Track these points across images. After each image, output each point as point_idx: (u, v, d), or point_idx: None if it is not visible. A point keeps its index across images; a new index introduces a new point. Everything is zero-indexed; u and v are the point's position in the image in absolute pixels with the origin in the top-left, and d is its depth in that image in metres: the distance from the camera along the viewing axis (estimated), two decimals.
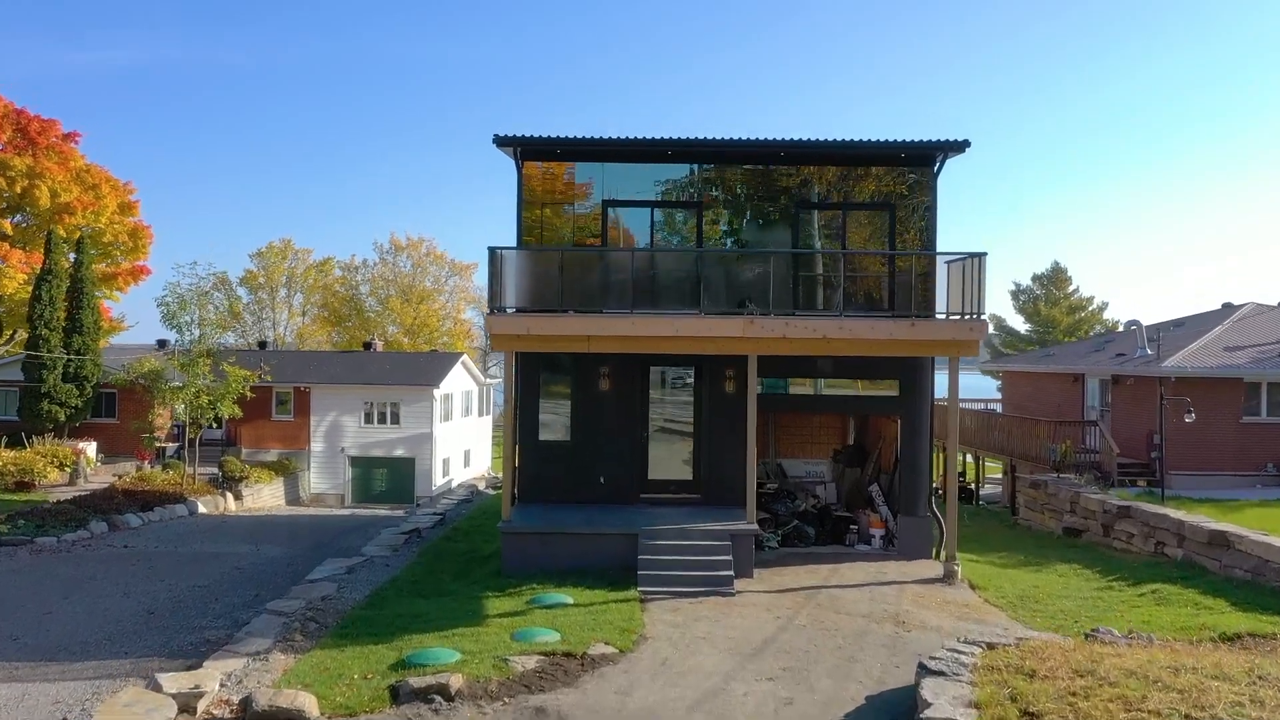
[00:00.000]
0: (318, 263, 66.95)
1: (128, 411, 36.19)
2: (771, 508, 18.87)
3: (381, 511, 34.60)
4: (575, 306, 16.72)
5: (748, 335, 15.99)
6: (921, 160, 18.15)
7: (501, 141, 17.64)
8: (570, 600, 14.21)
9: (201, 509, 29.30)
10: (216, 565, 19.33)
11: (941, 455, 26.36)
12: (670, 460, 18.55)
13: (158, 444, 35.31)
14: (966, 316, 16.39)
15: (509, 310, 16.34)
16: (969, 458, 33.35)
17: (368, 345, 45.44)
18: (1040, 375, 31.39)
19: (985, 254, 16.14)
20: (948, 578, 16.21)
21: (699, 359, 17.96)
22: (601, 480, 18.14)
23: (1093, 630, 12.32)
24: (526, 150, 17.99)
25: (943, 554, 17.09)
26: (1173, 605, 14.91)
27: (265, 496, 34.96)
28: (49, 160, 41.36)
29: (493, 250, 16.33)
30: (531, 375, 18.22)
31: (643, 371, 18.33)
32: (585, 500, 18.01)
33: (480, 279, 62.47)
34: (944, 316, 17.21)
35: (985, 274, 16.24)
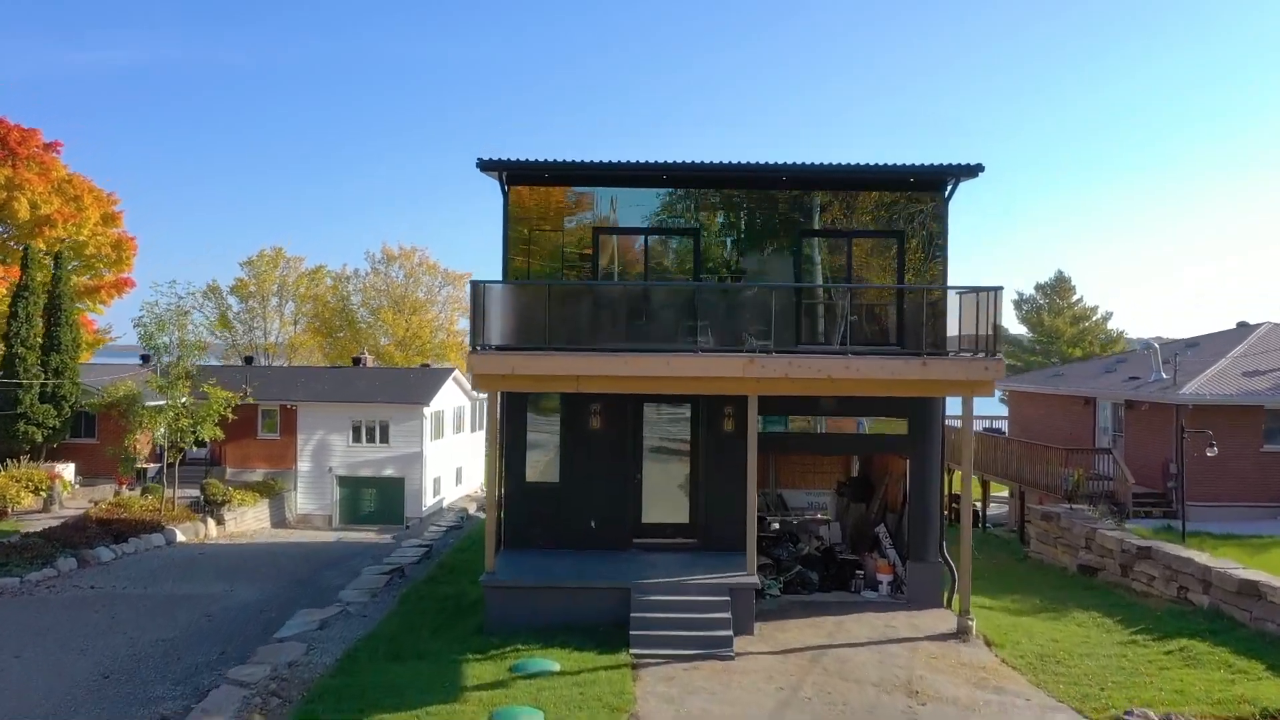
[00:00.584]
0: (309, 271, 65.82)
1: (108, 431, 35.04)
2: (772, 552, 17.83)
3: (368, 536, 33.53)
4: (564, 341, 15.68)
5: (748, 375, 14.95)
6: (931, 185, 17.12)
7: (486, 165, 16.59)
8: (556, 666, 13.16)
9: (180, 537, 28.23)
10: (185, 612, 18.27)
11: (949, 478, 25.34)
12: (665, 502, 17.49)
13: (139, 465, 34.18)
14: (980, 354, 15.35)
15: (492, 348, 15.27)
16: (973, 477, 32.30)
17: (357, 361, 44.33)
18: (1049, 397, 30.35)
19: (1001, 288, 15.13)
20: (962, 634, 15.16)
21: (696, 396, 16.92)
22: (593, 524, 17.09)
23: (1126, 713, 11.27)
24: (513, 175, 16.94)
25: (955, 605, 16.05)
26: (1204, 667, 13.87)
27: (249, 520, 33.87)
28: (29, 171, 40.23)
29: (475, 284, 15.30)
30: (518, 413, 17.17)
31: (636, 409, 17.28)
32: (575, 545, 16.96)
33: None
34: (956, 353, 16.21)
35: (1001, 308, 15.22)
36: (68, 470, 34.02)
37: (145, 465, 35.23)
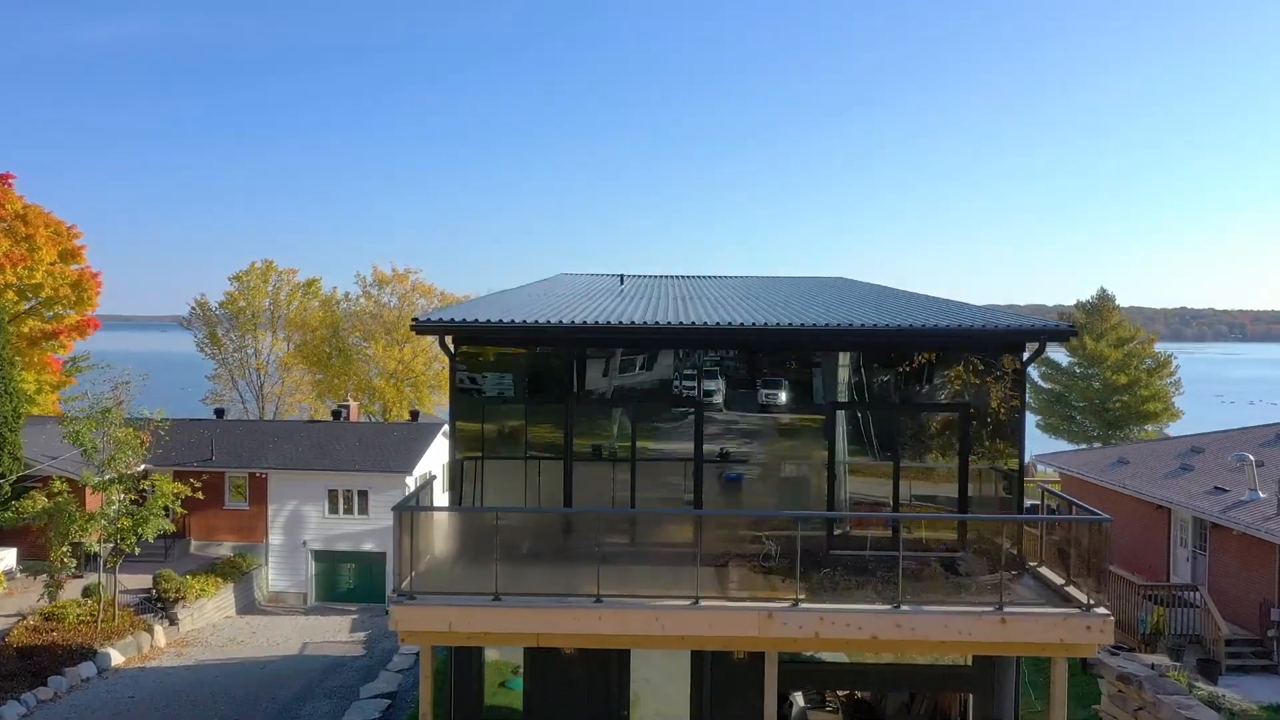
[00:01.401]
0: (303, 283, 62.13)
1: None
2: None
3: (342, 631, 30.20)
4: (522, 566, 11.97)
5: (765, 635, 11.16)
6: (1006, 347, 13.15)
7: (423, 329, 12.77)
8: None
9: (117, 659, 24.81)
10: None
11: None
12: None
13: (86, 550, 30.69)
14: (1074, 605, 11.42)
15: (422, 598, 11.47)
16: None
17: (337, 414, 40.65)
18: (1115, 494, 26.23)
19: (1109, 519, 11.19)
20: None
21: None
22: None
23: None
24: (460, 337, 13.10)
25: None
26: None
27: (209, 611, 30.40)
28: None
29: (400, 511, 11.54)
30: None
31: None
32: None
33: None
34: (1034, 572, 12.33)
35: (1110, 544, 11.30)
36: (7, 557, 30.67)
37: (97, 549, 31.74)
